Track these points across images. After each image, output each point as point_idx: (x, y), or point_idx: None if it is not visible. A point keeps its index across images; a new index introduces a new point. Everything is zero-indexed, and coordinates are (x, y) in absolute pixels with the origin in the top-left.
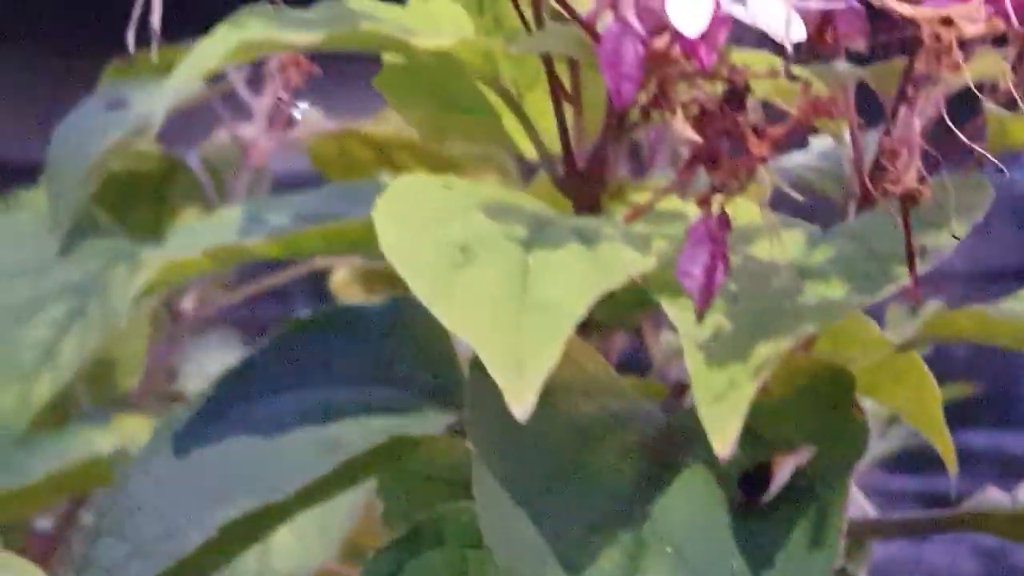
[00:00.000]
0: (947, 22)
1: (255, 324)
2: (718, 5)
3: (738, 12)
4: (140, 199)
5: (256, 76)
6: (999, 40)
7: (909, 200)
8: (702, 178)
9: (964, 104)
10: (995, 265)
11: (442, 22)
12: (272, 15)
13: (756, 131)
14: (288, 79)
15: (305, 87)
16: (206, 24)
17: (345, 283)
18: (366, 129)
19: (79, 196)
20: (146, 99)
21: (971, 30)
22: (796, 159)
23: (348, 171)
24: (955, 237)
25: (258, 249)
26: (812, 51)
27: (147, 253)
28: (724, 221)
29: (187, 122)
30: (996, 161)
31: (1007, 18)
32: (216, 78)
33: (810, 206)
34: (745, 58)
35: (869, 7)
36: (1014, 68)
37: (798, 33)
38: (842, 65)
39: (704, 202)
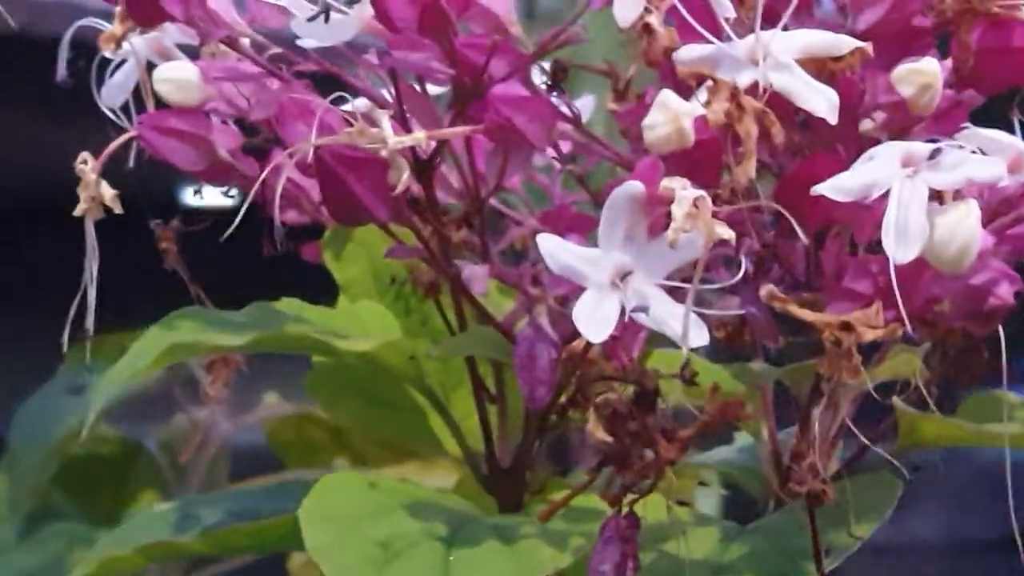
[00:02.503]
0: (847, 327)
1: None
2: (623, 313)
3: (642, 319)
4: (100, 483)
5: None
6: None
7: (814, 500)
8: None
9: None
10: (972, 537)
11: (369, 323)
12: (203, 317)
13: (665, 433)
14: (220, 375)
15: (262, 370)
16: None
17: (304, 565)
18: (324, 414)
19: (39, 480)
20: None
21: (870, 335)
22: (719, 454)
23: (306, 455)
24: (856, 537)
25: (190, 547)
26: (731, 351)
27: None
28: (633, 520)
29: (147, 404)
30: (899, 465)
31: (904, 323)
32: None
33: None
34: (663, 359)
35: None
36: (927, 365)
37: (701, 338)
38: (758, 365)
39: (615, 502)
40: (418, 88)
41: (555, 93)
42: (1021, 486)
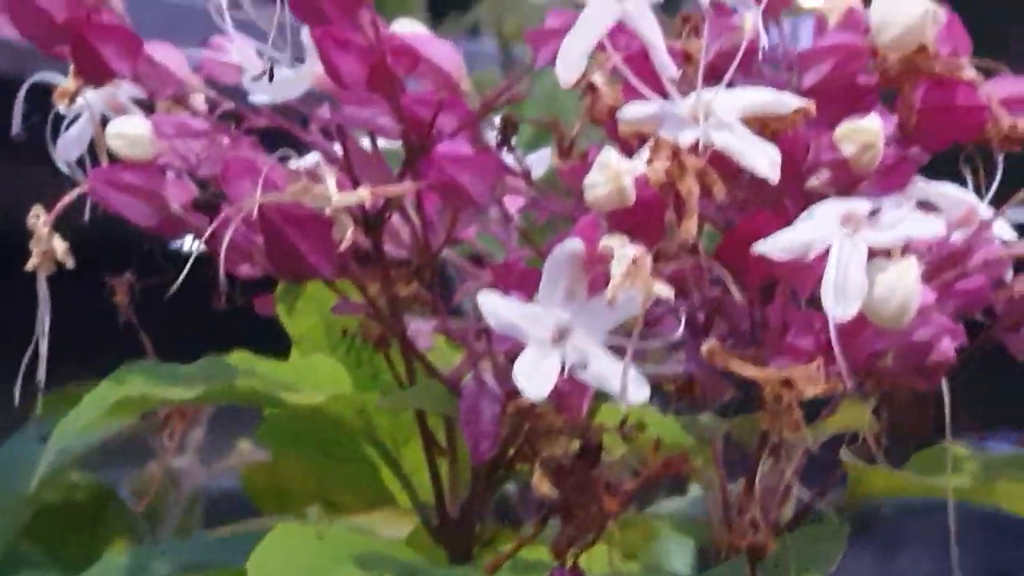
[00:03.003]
0: (787, 384)
1: None
2: (563, 370)
3: (582, 375)
4: (74, 530)
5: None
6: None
7: (755, 553)
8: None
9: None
10: None
11: (320, 376)
12: (152, 370)
13: (608, 487)
14: (177, 427)
15: (237, 417)
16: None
17: None
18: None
19: (11, 529)
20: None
21: (811, 391)
22: (672, 506)
23: (281, 502)
24: None
25: None
26: (682, 402)
27: None
28: (577, 573)
29: (121, 451)
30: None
31: (844, 380)
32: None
33: None
34: (614, 413)
35: None
36: (876, 418)
37: (641, 395)
38: (706, 418)
39: (560, 554)
40: (370, 144)
41: (505, 148)
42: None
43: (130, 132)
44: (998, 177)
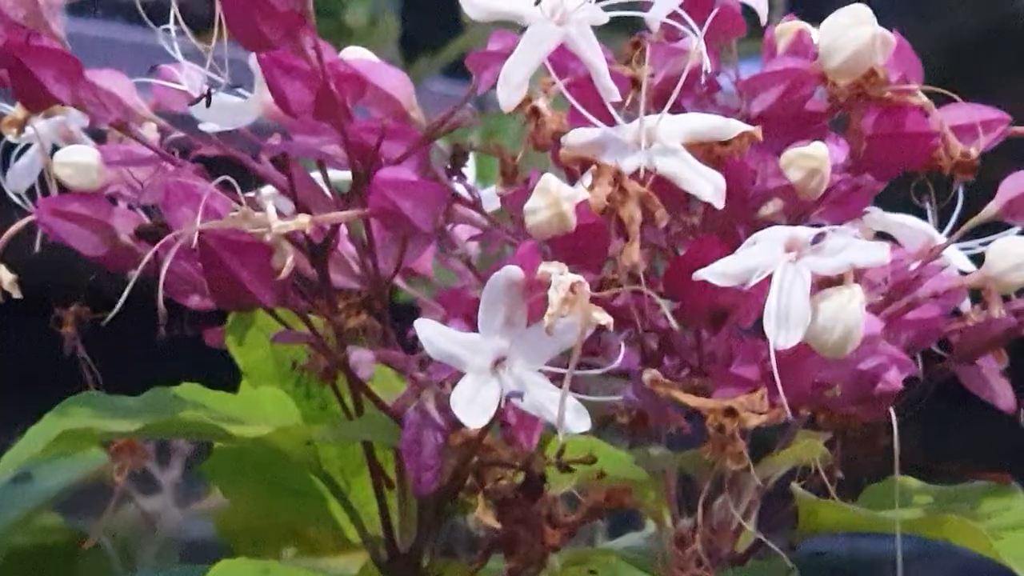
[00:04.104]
0: (730, 413)
1: None
2: (503, 401)
3: (518, 403)
4: (47, 574)
5: (165, 450)
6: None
7: None
8: None
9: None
10: None
11: (268, 408)
12: (97, 403)
13: (551, 519)
14: (126, 462)
15: None
16: None
17: None
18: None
19: None
20: (50, 472)
21: (754, 421)
22: (626, 541)
23: (256, 545)
24: None
25: None
26: (636, 434)
27: None
28: None
29: (95, 495)
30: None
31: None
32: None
33: None
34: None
35: None
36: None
37: (580, 425)
38: (657, 451)
39: None
40: (320, 172)
41: (455, 177)
42: None
43: (78, 161)
44: (957, 208)
